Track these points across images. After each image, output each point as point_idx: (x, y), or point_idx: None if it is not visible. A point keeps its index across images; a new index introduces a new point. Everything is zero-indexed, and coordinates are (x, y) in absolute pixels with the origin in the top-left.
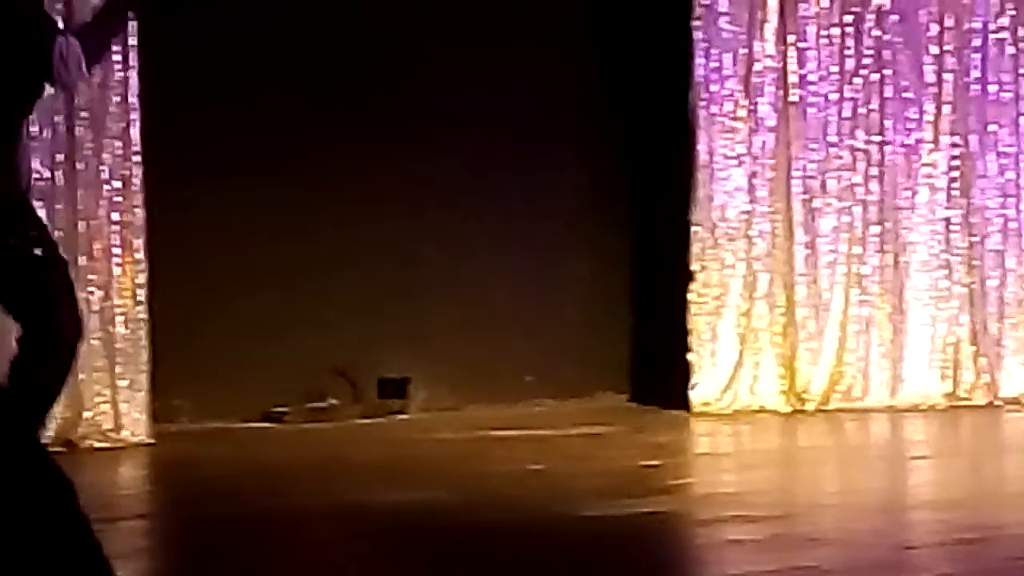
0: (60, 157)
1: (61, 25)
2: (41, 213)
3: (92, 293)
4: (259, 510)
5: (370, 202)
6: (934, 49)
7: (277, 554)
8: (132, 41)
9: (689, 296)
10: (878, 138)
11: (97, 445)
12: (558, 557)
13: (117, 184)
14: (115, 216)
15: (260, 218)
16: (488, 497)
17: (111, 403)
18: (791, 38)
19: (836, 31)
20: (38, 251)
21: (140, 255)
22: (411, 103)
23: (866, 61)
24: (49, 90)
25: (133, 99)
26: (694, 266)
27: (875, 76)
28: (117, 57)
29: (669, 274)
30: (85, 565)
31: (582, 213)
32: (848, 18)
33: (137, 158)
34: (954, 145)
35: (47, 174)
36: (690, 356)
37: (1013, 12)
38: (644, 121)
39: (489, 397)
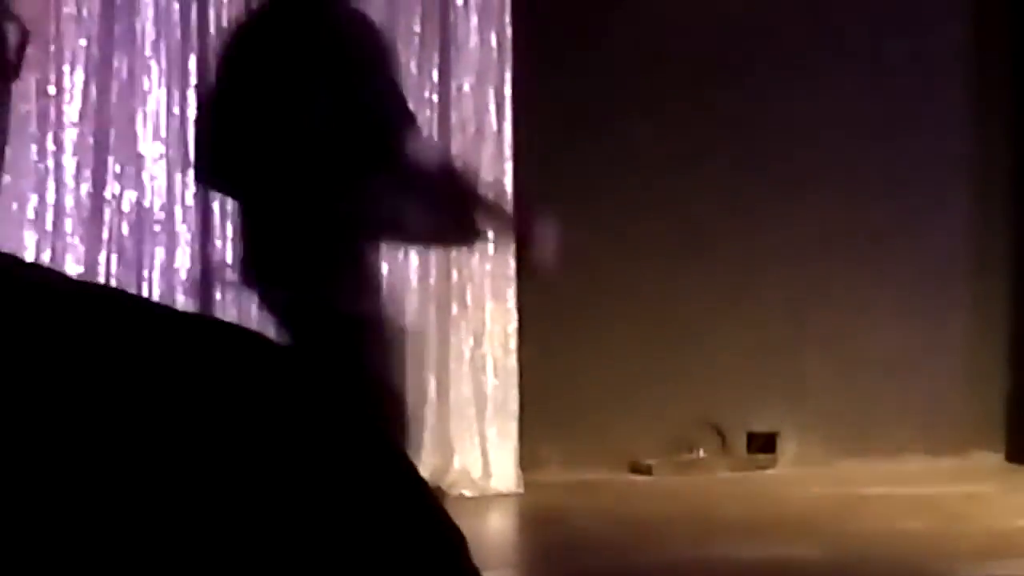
0: None
1: None
2: (416, 262)
3: (465, 342)
4: (628, 564)
5: (754, 256)
6: None
7: None
8: (507, 92)
9: None
10: None
11: (466, 493)
12: None
13: (490, 234)
14: (487, 266)
15: (634, 268)
16: (860, 556)
17: (480, 451)
18: None
19: None
20: None
21: (510, 304)
22: (796, 161)
23: None
24: None
25: (507, 149)
26: None
27: None
28: (492, 107)
29: None
30: None
31: (962, 268)
32: None
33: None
34: None
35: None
36: None
37: None
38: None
39: (861, 452)
